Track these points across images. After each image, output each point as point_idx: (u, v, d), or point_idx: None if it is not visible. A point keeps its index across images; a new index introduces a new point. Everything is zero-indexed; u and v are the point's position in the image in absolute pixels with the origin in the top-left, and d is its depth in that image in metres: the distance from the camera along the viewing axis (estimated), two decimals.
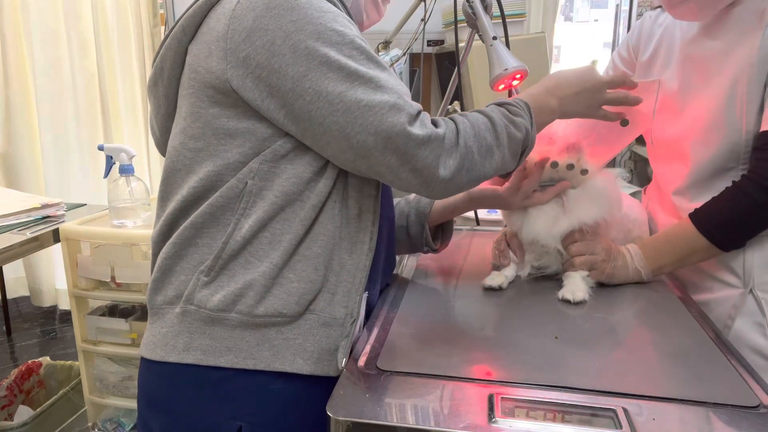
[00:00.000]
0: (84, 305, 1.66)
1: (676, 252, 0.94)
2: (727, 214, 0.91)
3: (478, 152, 0.73)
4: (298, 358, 0.73)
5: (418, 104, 0.71)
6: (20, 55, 2.78)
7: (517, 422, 0.58)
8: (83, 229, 1.54)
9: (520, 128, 0.78)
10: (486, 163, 0.74)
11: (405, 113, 0.68)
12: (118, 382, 1.67)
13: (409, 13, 2.14)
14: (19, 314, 3.15)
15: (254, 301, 0.72)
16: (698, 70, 0.98)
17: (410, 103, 0.70)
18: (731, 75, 0.91)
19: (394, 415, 0.60)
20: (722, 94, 0.92)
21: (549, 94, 0.84)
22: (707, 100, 0.95)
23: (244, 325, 0.73)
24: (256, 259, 0.73)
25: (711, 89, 0.94)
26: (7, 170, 2.86)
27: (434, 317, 0.85)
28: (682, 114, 1.00)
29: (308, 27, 0.68)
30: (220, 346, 0.73)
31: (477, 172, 0.74)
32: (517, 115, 0.78)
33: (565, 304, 0.87)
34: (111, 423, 1.76)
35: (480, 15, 1.01)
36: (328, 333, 0.74)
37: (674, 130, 1.02)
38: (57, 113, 2.87)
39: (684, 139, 0.99)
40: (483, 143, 0.74)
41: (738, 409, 0.61)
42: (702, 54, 0.97)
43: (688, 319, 0.83)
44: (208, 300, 0.73)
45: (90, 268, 1.55)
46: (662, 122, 1.05)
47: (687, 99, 0.99)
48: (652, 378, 0.67)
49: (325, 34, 0.68)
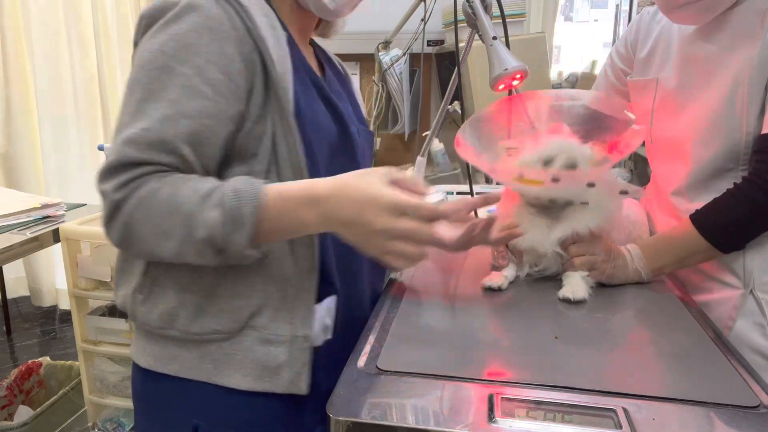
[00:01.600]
0: (84, 305, 1.66)
1: (676, 253, 0.94)
2: (727, 216, 0.91)
3: (149, 233, 0.65)
4: (237, 373, 0.73)
5: (135, 155, 0.64)
6: (20, 55, 2.78)
7: (517, 422, 0.58)
8: (83, 229, 1.54)
9: (218, 242, 0.64)
10: (161, 245, 0.65)
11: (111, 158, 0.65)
12: (118, 382, 1.67)
13: (409, 13, 2.14)
14: (19, 314, 3.15)
15: (188, 321, 0.72)
16: (698, 70, 0.97)
17: (127, 152, 0.64)
18: (732, 76, 0.91)
19: (394, 415, 0.60)
20: (723, 96, 0.92)
21: (311, 206, 0.65)
22: (707, 100, 0.94)
23: (185, 341, 0.74)
24: (185, 276, 0.72)
25: (711, 90, 0.94)
26: (7, 170, 2.86)
27: (434, 317, 0.85)
28: (681, 113, 1.00)
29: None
30: (167, 355, 0.75)
31: (147, 249, 0.67)
32: (229, 223, 0.63)
33: (565, 304, 0.87)
34: (111, 423, 1.76)
35: (480, 15, 1.01)
36: (269, 350, 0.72)
37: (673, 130, 1.02)
38: (57, 113, 2.87)
39: (684, 138, 0.99)
40: (156, 228, 0.65)
41: (738, 409, 0.60)
42: (702, 54, 0.96)
43: (688, 319, 0.83)
44: (147, 318, 0.74)
45: (90, 268, 1.55)
46: (661, 121, 1.05)
47: (686, 99, 0.99)
48: (652, 378, 0.67)
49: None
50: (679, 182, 1.01)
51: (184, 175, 0.67)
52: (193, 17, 0.67)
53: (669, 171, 1.05)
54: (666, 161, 1.08)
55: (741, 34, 0.91)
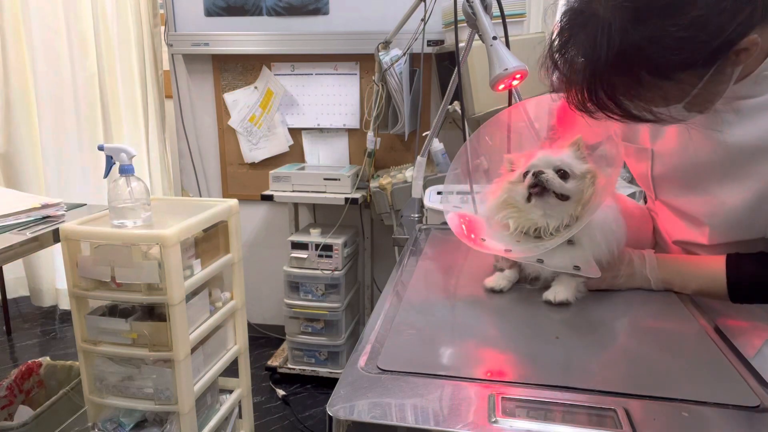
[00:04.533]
0: (84, 305, 1.66)
1: (692, 281, 0.89)
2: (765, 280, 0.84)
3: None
4: None
5: None
6: (20, 55, 2.78)
7: (518, 422, 0.58)
8: (83, 229, 1.54)
9: None
10: None
11: None
12: (118, 382, 1.67)
13: (409, 13, 2.14)
14: (19, 314, 3.16)
15: None
16: (714, 152, 0.84)
17: None
18: (760, 179, 0.80)
19: (394, 415, 0.60)
20: (750, 194, 0.81)
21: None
22: (729, 190, 0.84)
23: None
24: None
25: (737, 181, 0.83)
26: (7, 170, 2.86)
27: (435, 317, 0.85)
28: (690, 190, 0.91)
29: None
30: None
31: None
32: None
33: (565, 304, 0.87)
34: (111, 423, 1.76)
35: (480, 15, 1.01)
36: None
37: (682, 203, 0.93)
38: (57, 113, 2.87)
39: (695, 212, 0.90)
40: None
41: (738, 409, 0.60)
42: (724, 136, 0.82)
43: (688, 319, 0.83)
44: None
45: (90, 268, 1.55)
46: (665, 190, 0.96)
47: (699, 177, 0.88)
48: (652, 378, 0.67)
49: None
50: (689, 239, 0.94)
51: None
52: None
53: (678, 228, 0.96)
54: (674, 221, 0.97)
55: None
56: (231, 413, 1.98)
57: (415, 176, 1.43)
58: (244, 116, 2.82)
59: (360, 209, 2.70)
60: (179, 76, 2.83)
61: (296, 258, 2.51)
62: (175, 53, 2.78)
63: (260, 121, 2.81)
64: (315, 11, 2.58)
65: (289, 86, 2.75)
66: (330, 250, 2.48)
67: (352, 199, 2.43)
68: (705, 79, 0.71)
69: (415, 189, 1.44)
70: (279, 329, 2.97)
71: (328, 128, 2.78)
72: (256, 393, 2.57)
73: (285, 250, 2.55)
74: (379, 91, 2.40)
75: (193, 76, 2.83)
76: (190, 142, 2.90)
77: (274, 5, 2.63)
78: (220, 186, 2.95)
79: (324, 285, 2.51)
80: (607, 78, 0.72)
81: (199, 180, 2.96)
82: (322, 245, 2.48)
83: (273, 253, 2.96)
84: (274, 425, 2.40)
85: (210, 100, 2.85)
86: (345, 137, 2.79)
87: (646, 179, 0.99)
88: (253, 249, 3.00)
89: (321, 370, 2.63)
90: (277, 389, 2.61)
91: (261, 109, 2.79)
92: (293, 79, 2.74)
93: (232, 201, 1.83)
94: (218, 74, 2.80)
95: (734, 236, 0.87)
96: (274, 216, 2.96)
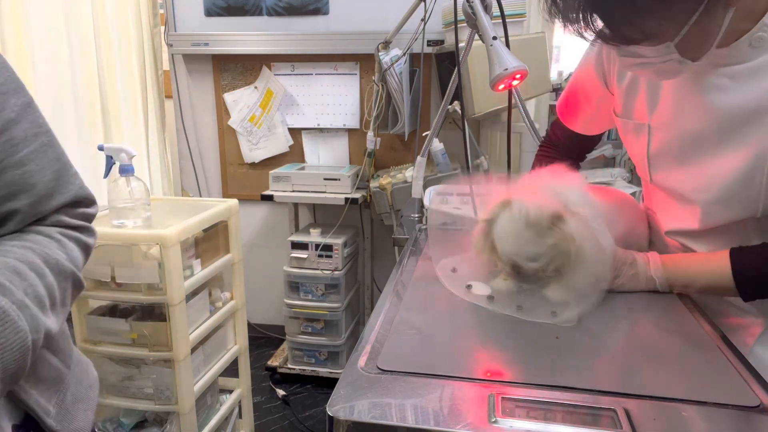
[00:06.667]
0: (84, 305, 1.66)
1: (703, 281, 0.89)
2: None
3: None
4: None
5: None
6: (20, 55, 2.78)
7: (517, 422, 0.58)
8: None
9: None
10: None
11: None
12: (118, 382, 1.67)
13: (409, 13, 2.14)
14: None
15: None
16: (708, 120, 0.84)
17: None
18: (757, 143, 0.79)
19: (394, 415, 0.60)
20: (744, 161, 0.81)
21: None
22: (723, 159, 0.83)
23: None
24: None
25: (730, 148, 0.82)
26: None
27: (434, 317, 0.85)
28: (686, 167, 0.90)
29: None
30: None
31: None
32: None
33: None
34: (111, 423, 1.76)
35: (480, 15, 1.01)
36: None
37: (677, 181, 0.93)
38: (56, 113, 2.86)
39: (689, 190, 0.90)
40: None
41: (738, 409, 0.61)
42: (718, 102, 0.82)
43: (688, 319, 0.83)
44: None
45: (90, 268, 1.55)
46: (661, 169, 0.96)
47: (692, 151, 0.88)
48: (652, 378, 0.67)
49: None
50: (681, 226, 0.94)
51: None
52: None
53: (670, 214, 0.97)
54: (667, 205, 0.98)
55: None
56: (231, 413, 1.98)
57: (415, 176, 1.43)
58: (244, 116, 2.82)
59: (360, 209, 2.70)
60: (179, 76, 2.84)
61: (296, 258, 2.51)
62: (175, 53, 2.79)
63: (260, 121, 2.81)
64: (315, 11, 2.58)
65: (289, 86, 2.75)
66: (330, 250, 2.48)
67: (352, 199, 2.43)
68: (698, 13, 0.70)
69: (415, 189, 1.44)
70: (279, 329, 2.97)
71: (328, 128, 2.79)
72: (256, 393, 2.57)
73: (285, 250, 2.55)
74: (379, 91, 2.40)
75: (193, 76, 2.84)
76: (190, 142, 2.91)
77: (274, 5, 2.63)
78: (220, 186, 2.96)
79: (324, 285, 2.51)
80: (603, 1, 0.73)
81: (199, 180, 2.96)
82: (322, 245, 2.48)
83: (273, 253, 2.96)
84: (274, 425, 2.40)
85: (210, 100, 2.85)
86: (345, 137, 2.79)
87: (643, 159, 0.98)
88: (253, 249, 3.00)
89: (321, 370, 2.63)
90: (277, 389, 2.62)
91: (261, 109, 2.79)
92: (293, 79, 2.74)
93: (232, 201, 1.83)
94: (218, 74, 2.80)
95: (726, 216, 0.86)
96: (274, 216, 2.97)
